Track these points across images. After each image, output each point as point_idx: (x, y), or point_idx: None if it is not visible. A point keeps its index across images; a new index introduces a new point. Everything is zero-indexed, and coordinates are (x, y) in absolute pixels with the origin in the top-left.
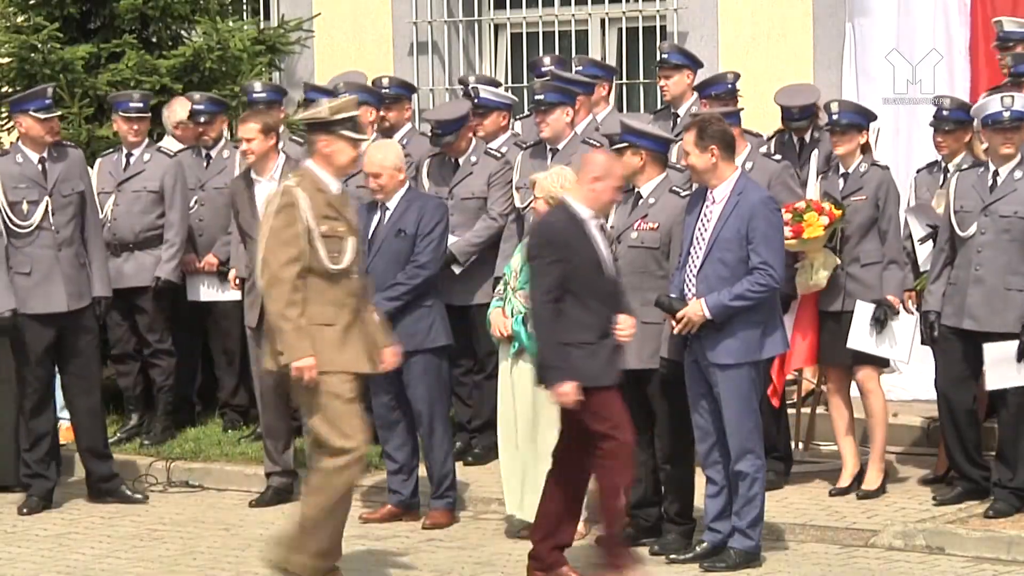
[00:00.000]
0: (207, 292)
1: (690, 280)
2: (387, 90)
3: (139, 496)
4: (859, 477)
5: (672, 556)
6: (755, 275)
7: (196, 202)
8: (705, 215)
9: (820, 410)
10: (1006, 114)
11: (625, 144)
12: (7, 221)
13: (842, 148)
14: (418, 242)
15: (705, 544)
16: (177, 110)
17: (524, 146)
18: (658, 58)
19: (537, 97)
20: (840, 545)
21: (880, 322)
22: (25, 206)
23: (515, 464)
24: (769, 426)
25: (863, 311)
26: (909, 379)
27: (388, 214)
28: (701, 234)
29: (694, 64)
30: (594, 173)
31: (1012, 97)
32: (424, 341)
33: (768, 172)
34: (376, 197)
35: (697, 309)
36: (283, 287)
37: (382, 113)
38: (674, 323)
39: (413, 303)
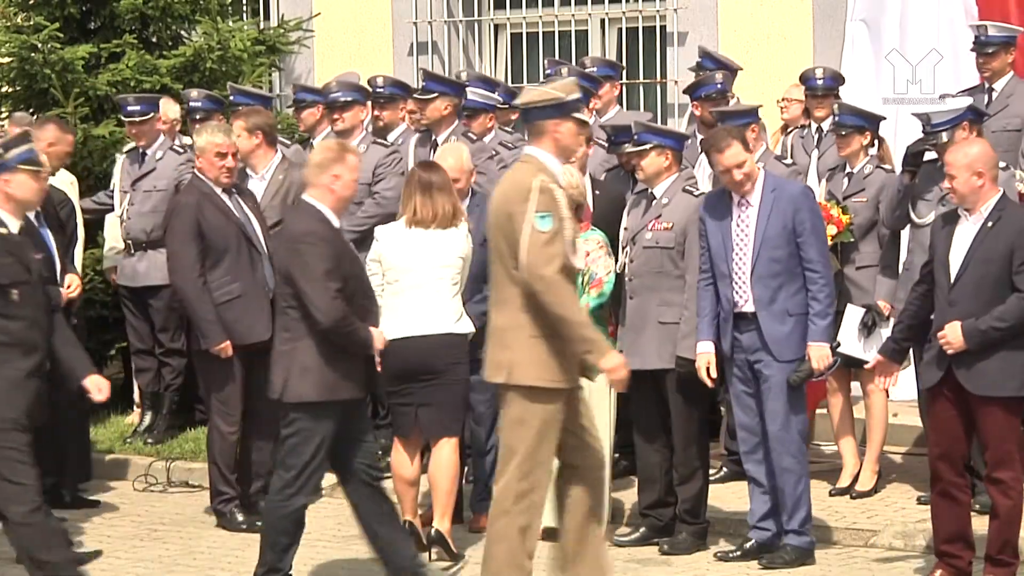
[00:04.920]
0: None
1: (741, 286)
2: (381, 89)
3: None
4: (859, 477)
5: (719, 553)
6: (815, 285)
7: None
8: (740, 219)
9: (820, 410)
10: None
11: (651, 144)
12: None
13: (845, 151)
14: None
15: (752, 542)
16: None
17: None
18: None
19: None
20: (840, 545)
21: (868, 327)
22: None
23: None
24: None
25: (853, 315)
26: (910, 379)
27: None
28: (742, 239)
29: (729, 68)
30: None
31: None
32: None
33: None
34: None
35: (819, 352)
36: None
37: (376, 113)
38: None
39: None
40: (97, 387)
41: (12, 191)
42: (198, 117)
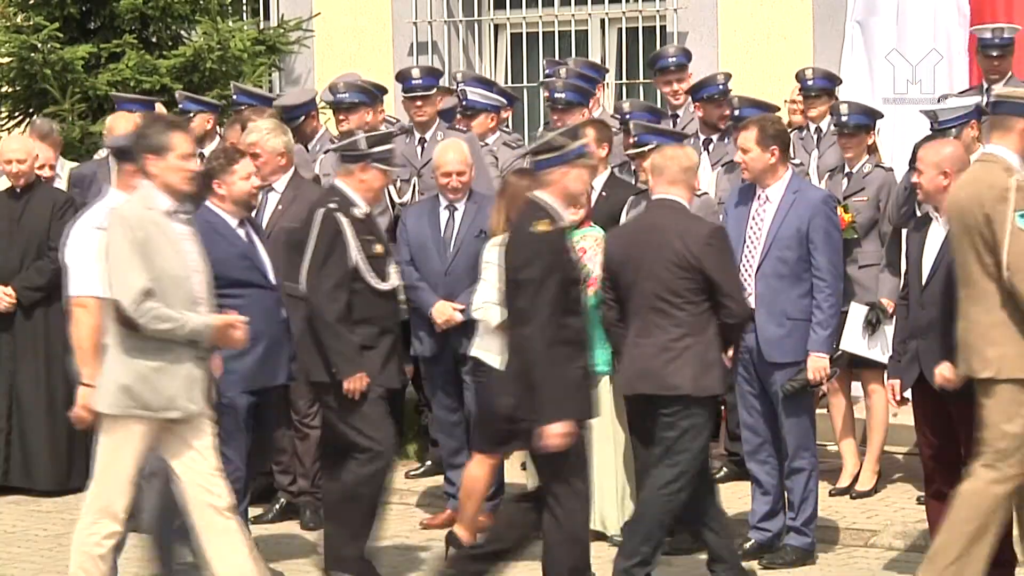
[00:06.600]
0: None
1: (746, 279)
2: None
3: None
4: (859, 477)
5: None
6: (821, 294)
7: None
8: (757, 214)
9: (820, 411)
10: None
11: (653, 145)
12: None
13: (851, 151)
14: None
15: (752, 542)
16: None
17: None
18: (663, 63)
19: (557, 95)
20: (840, 545)
21: (872, 325)
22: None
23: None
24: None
25: (857, 313)
26: None
27: (459, 214)
28: (755, 233)
29: (686, 56)
30: None
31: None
32: None
33: None
34: (454, 197)
35: (817, 363)
36: None
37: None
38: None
39: None
40: None
41: (568, 184)
42: (191, 116)
